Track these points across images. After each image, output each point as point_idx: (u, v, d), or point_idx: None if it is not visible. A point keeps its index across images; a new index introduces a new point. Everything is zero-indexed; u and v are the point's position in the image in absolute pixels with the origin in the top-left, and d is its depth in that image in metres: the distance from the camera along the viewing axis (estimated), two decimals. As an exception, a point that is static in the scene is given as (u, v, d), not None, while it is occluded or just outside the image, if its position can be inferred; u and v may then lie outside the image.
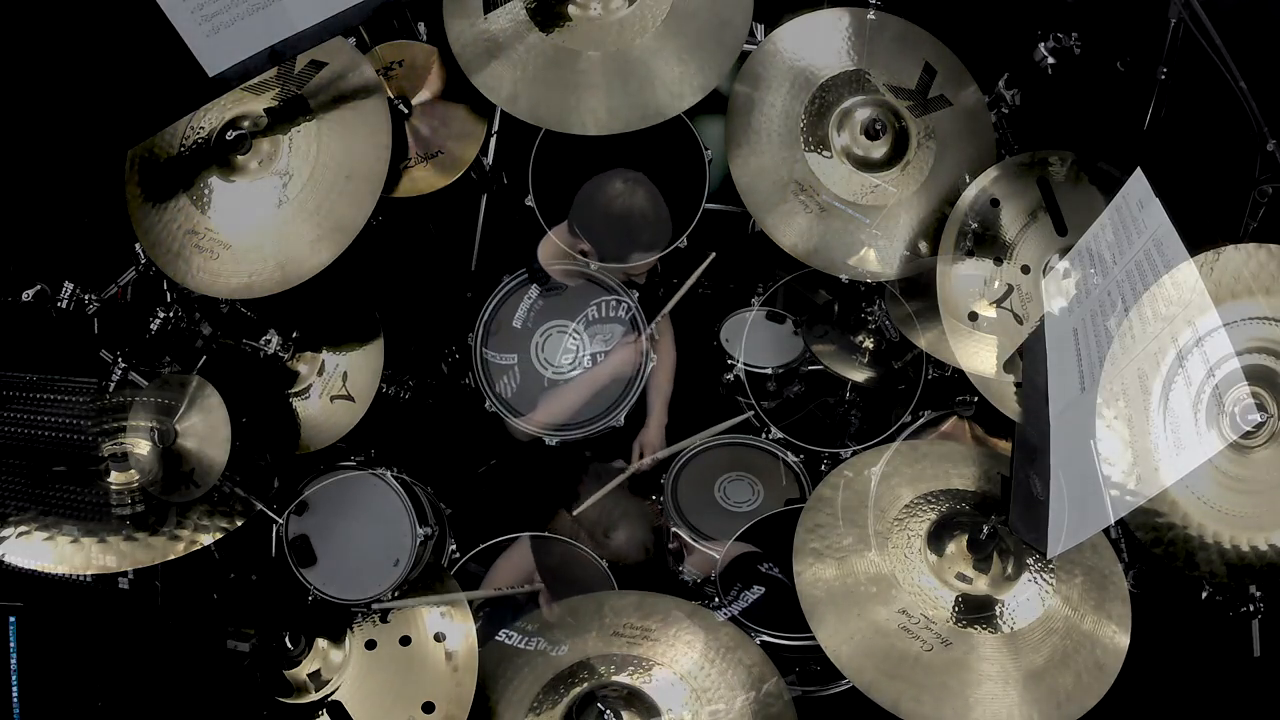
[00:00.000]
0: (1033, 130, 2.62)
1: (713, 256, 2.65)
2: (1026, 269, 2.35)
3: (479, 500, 2.78)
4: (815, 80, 2.52)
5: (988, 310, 2.33)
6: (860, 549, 2.18)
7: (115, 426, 2.19)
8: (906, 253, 2.45)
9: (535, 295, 2.66)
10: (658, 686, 2.16)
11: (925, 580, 2.13)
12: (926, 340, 2.46)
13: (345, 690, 2.25)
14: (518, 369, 2.63)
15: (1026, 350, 2.28)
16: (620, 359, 2.63)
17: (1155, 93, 2.40)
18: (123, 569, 2.13)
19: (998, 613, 2.10)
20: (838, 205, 2.46)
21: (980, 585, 2.12)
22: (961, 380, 2.40)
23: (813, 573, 2.17)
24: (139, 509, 2.15)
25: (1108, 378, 1.95)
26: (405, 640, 2.30)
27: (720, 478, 2.82)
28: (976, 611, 2.09)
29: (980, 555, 2.12)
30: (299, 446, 2.47)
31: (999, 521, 2.10)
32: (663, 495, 2.73)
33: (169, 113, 2.37)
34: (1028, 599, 2.11)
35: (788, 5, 2.69)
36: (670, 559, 2.61)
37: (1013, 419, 2.26)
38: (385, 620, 2.32)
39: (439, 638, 2.29)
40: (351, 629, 2.31)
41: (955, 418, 2.63)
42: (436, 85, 2.64)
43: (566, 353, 2.63)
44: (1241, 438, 1.95)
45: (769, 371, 2.82)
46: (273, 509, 2.32)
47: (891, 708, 1.99)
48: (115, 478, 2.16)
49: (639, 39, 2.46)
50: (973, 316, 2.33)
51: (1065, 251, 2.30)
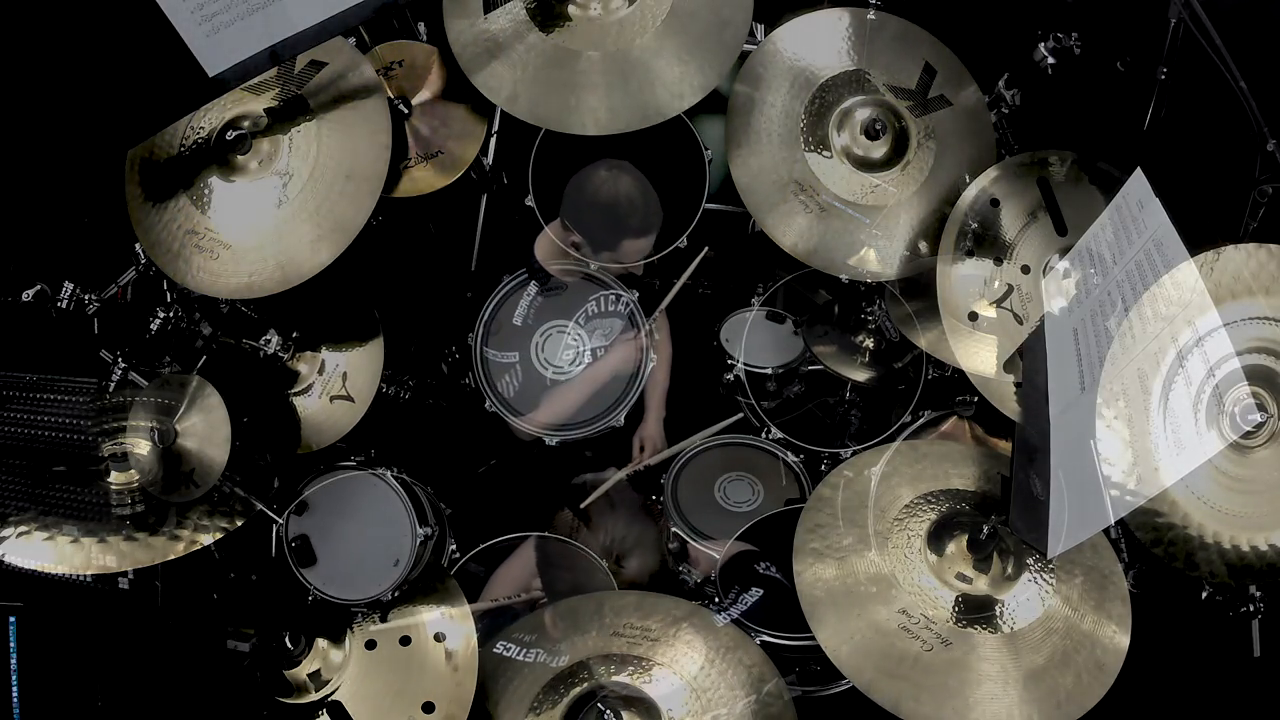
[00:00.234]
0: (1033, 130, 2.62)
1: (706, 250, 2.65)
2: (1026, 269, 2.35)
3: (479, 500, 2.78)
4: (815, 80, 2.52)
5: (988, 310, 2.33)
6: (860, 549, 2.18)
7: (115, 426, 2.19)
8: (906, 253, 2.45)
9: (535, 293, 2.66)
10: (658, 687, 2.16)
11: (925, 580, 2.13)
12: (926, 340, 2.46)
13: (345, 690, 2.25)
14: (519, 367, 2.63)
15: (1026, 350, 2.28)
16: (620, 356, 2.63)
17: (1155, 93, 2.40)
18: (123, 569, 2.13)
19: (998, 613, 2.09)
20: (838, 205, 2.46)
21: (980, 585, 2.12)
22: (961, 380, 2.40)
23: (813, 573, 2.17)
24: (139, 509, 2.15)
25: (1108, 378, 1.95)
26: (405, 640, 2.30)
27: (720, 478, 2.82)
28: (976, 611, 2.09)
29: (980, 555, 2.12)
30: (299, 446, 2.47)
31: (999, 521, 2.10)
32: (663, 495, 2.74)
33: (169, 113, 2.37)
34: (1028, 599, 2.11)
35: (788, 5, 2.69)
36: (670, 559, 2.61)
37: (1013, 419, 2.26)
38: (385, 621, 2.32)
39: (439, 638, 2.29)
40: (351, 629, 2.31)
41: (955, 418, 2.63)
42: (436, 85, 2.64)
43: (567, 349, 2.63)
44: (1241, 438, 1.95)
45: (769, 371, 2.82)
46: (273, 509, 2.32)
47: (891, 708, 1.99)
48: (115, 478, 2.16)
49: (639, 39, 2.46)
50: (973, 316, 2.33)
51: (1065, 251, 2.30)
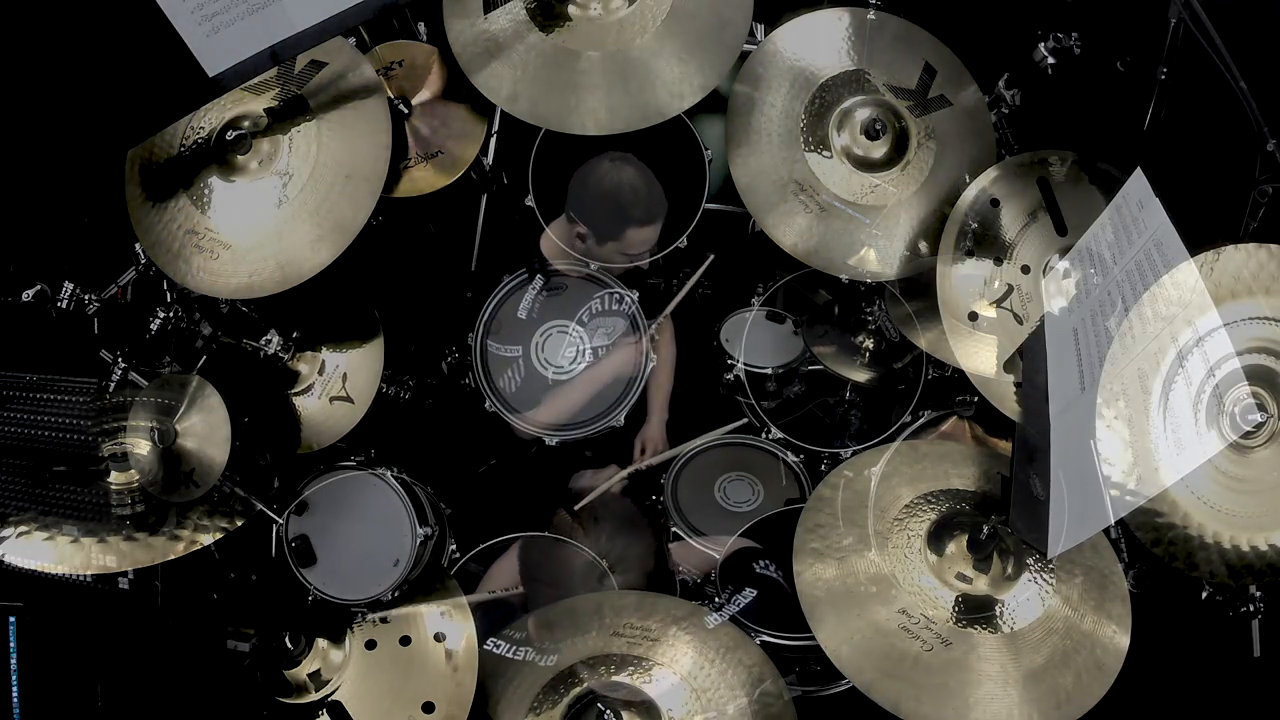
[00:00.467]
0: (1033, 130, 2.62)
1: (711, 259, 2.65)
2: (1026, 269, 2.35)
3: (479, 500, 2.78)
4: (815, 80, 2.52)
5: (988, 310, 2.33)
6: (860, 549, 2.18)
7: (115, 426, 2.19)
8: (906, 253, 2.45)
9: (538, 289, 2.65)
10: (658, 687, 2.16)
11: (925, 580, 2.13)
12: (926, 340, 2.46)
13: (345, 690, 2.25)
14: (521, 362, 2.63)
15: (1026, 350, 2.28)
16: (621, 358, 2.63)
17: (1155, 93, 2.40)
18: (123, 569, 2.13)
19: (998, 613, 2.09)
20: (838, 205, 2.46)
21: (980, 585, 2.12)
22: (961, 380, 2.39)
23: (813, 573, 2.17)
24: (139, 509, 2.16)
25: (1108, 378, 1.95)
26: (405, 640, 2.30)
27: (720, 478, 2.82)
28: (976, 611, 2.09)
29: (980, 555, 2.12)
30: (299, 446, 2.47)
31: (999, 521, 2.10)
32: (663, 495, 2.73)
33: (169, 113, 2.37)
34: (1028, 599, 2.11)
35: (788, 5, 2.69)
36: (670, 559, 2.61)
37: (1013, 419, 2.26)
38: (385, 621, 2.32)
39: (439, 638, 2.29)
40: (351, 629, 2.31)
41: (955, 418, 2.63)
42: (436, 85, 2.64)
43: (569, 347, 2.63)
44: (1241, 438, 1.94)
45: (769, 371, 2.82)
46: (273, 509, 2.32)
47: (891, 708, 1.99)
48: (115, 478, 2.16)
49: (639, 39, 2.46)
50: (973, 316, 2.33)
51: (1065, 251, 2.29)
